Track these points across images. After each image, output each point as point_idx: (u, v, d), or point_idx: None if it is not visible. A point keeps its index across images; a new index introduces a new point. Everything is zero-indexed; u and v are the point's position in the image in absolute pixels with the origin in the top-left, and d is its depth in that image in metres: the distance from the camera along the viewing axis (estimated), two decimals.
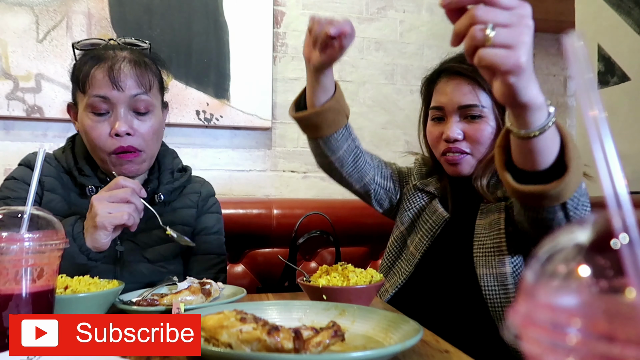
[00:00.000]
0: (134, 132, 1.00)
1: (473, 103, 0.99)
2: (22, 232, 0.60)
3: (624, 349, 0.17)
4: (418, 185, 1.15)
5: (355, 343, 0.61)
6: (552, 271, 0.22)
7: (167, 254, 1.07)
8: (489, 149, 1.01)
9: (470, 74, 1.00)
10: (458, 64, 1.03)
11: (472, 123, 1.00)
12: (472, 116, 1.00)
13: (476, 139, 1.00)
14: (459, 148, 1.01)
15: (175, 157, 1.21)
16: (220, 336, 0.53)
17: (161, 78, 1.11)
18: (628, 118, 1.48)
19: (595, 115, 0.24)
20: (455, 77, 1.03)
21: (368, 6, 1.99)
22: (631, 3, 1.49)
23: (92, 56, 1.01)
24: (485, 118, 1.00)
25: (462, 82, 1.01)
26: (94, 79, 0.98)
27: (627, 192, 0.22)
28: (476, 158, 1.02)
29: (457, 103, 1.01)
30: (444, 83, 1.05)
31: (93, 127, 0.99)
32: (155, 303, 0.79)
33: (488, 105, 1.00)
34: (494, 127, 1.00)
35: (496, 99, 0.93)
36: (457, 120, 1.02)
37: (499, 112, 0.99)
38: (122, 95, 0.99)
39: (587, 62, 0.25)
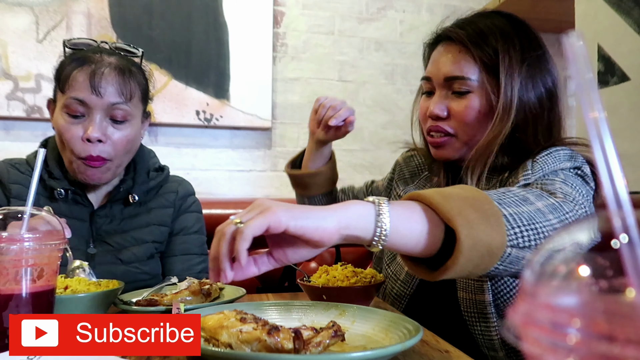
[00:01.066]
0: (106, 140, 0.99)
1: (459, 74, 0.88)
2: (22, 232, 0.60)
3: (624, 349, 0.17)
4: (401, 195, 1.06)
5: (355, 343, 0.61)
6: (552, 271, 0.22)
7: (141, 255, 1.06)
8: (478, 131, 0.89)
9: (460, 39, 0.89)
10: (453, 29, 0.92)
11: (458, 99, 0.89)
12: (460, 92, 0.88)
13: (461, 117, 0.88)
14: (441, 128, 0.91)
15: (153, 157, 1.19)
16: (220, 336, 0.53)
17: (146, 88, 1.08)
18: (628, 118, 1.48)
19: (595, 116, 0.24)
20: (447, 43, 0.92)
21: (368, 6, 1.99)
22: (631, 3, 1.49)
23: (78, 57, 1.00)
24: (474, 94, 0.88)
25: (451, 49, 0.90)
26: (74, 81, 0.97)
27: (627, 192, 0.22)
28: (462, 140, 0.90)
29: (443, 74, 0.90)
30: (437, 50, 0.94)
31: (67, 129, 0.98)
32: (155, 303, 0.79)
33: (478, 78, 0.87)
34: (483, 106, 0.88)
35: (486, 71, 0.86)
36: (444, 95, 0.91)
37: (492, 87, 0.87)
38: (100, 101, 0.97)
39: (587, 62, 0.25)
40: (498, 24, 0.90)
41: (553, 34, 2.10)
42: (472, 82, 0.88)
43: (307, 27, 1.94)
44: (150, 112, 1.13)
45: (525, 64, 0.87)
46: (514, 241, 0.58)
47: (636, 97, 1.47)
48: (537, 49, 0.90)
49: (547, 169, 0.80)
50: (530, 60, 0.88)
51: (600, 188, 0.86)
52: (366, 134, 1.98)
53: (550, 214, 0.64)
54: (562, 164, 0.81)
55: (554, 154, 0.83)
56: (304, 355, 0.52)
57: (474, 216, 0.57)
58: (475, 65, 0.88)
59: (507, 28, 0.89)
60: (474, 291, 0.84)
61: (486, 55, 0.87)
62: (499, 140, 0.86)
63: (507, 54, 0.86)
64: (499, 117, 0.86)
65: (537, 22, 1.98)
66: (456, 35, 0.89)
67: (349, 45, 1.97)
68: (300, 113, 1.92)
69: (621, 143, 1.44)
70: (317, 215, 0.55)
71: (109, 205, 1.07)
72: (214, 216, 1.20)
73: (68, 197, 1.04)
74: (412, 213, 0.58)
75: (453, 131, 0.90)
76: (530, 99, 0.88)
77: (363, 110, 1.98)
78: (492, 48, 0.87)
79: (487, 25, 0.89)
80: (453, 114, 0.90)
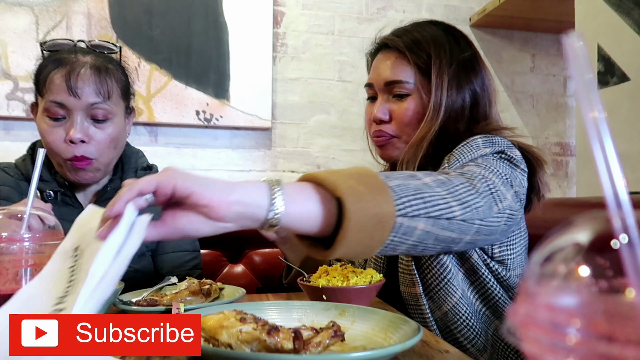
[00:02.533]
0: (89, 140, 0.99)
1: (397, 79, 0.95)
2: (22, 232, 0.60)
3: (624, 349, 0.17)
4: None
5: (355, 343, 0.61)
6: (552, 271, 0.22)
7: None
8: (416, 130, 0.94)
9: (399, 47, 0.95)
10: (390, 37, 0.99)
11: (398, 102, 0.95)
12: (399, 95, 0.95)
13: (401, 119, 0.95)
14: (383, 131, 0.97)
15: (141, 156, 1.20)
16: (220, 336, 0.53)
17: (127, 84, 1.08)
18: (628, 118, 1.48)
19: (595, 116, 0.24)
20: (387, 51, 0.99)
21: (368, 6, 1.99)
22: (631, 3, 1.49)
23: (54, 59, 0.99)
24: (412, 96, 0.94)
25: (391, 56, 0.97)
26: (51, 84, 0.97)
27: (627, 192, 0.22)
28: (403, 141, 0.96)
29: (383, 79, 0.97)
30: (377, 58, 1.01)
31: (49, 132, 0.98)
32: (155, 303, 0.79)
33: (414, 80, 0.94)
34: (420, 107, 0.94)
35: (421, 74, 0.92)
36: (385, 99, 0.97)
37: (425, 89, 0.93)
38: (78, 103, 0.97)
39: (587, 62, 0.25)
40: (431, 31, 0.97)
41: (553, 34, 2.11)
42: (409, 85, 0.94)
43: (307, 27, 1.94)
44: (134, 107, 1.13)
45: (454, 66, 0.94)
46: (402, 210, 0.59)
47: (636, 97, 1.47)
48: (465, 51, 0.96)
49: (463, 159, 0.81)
50: (458, 63, 0.94)
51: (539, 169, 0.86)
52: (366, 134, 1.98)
53: (438, 187, 0.65)
54: (480, 151, 0.82)
55: (470, 144, 0.84)
56: (304, 355, 0.52)
57: (360, 188, 0.57)
58: (411, 69, 0.94)
59: (439, 34, 0.97)
60: (408, 284, 0.88)
61: (420, 59, 0.94)
62: (428, 136, 0.91)
63: (438, 57, 0.93)
64: (429, 115, 0.92)
65: (537, 22, 2.00)
66: (393, 43, 0.97)
67: (349, 45, 1.97)
68: (300, 113, 1.92)
69: (621, 143, 1.44)
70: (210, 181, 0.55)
71: (97, 205, 1.07)
72: None
73: (57, 198, 1.04)
74: (304, 193, 0.58)
75: (395, 133, 0.96)
76: (457, 98, 0.93)
77: (363, 110, 1.98)
78: (425, 53, 0.94)
79: (421, 33, 0.97)
80: (394, 116, 0.96)
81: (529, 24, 2.02)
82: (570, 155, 2.15)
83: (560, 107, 2.16)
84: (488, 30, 2.06)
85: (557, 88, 2.16)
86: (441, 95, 0.92)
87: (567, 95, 2.18)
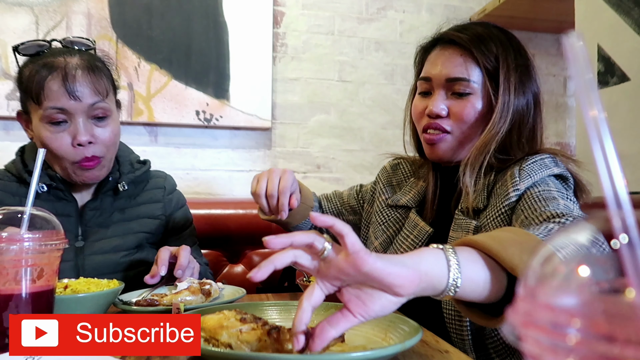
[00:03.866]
0: (96, 140, 1.00)
1: (462, 76, 0.92)
2: (22, 232, 0.60)
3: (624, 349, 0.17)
4: (389, 203, 1.07)
5: (355, 343, 0.61)
6: (552, 271, 0.22)
7: (130, 244, 1.08)
8: (472, 131, 0.93)
9: (465, 44, 0.93)
10: (454, 32, 0.96)
11: (458, 100, 0.93)
12: (460, 93, 0.93)
13: (460, 117, 0.92)
14: (439, 125, 0.94)
15: (132, 152, 1.21)
16: (220, 336, 0.53)
17: (112, 78, 1.08)
18: (628, 118, 1.48)
19: (595, 116, 0.24)
20: (449, 46, 0.96)
21: (368, 6, 1.99)
22: (631, 3, 1.49)
23: (43, 64, 0.98)
24: (474, 95, 0.92)
25: (455, 52, 0.94)
26: (48, 91, 0.96)
27: (627, 192, 0.22)
28: (456, 138, 0.94)
29: (445, 75, 0.93)
30: (436, 53, 0.98)
31: (53, 139, 0.98)
32: (155, 303, 0.79)
33: (479, 81, 0.92)
34: (481, 107, 0.92)
35: (488, 75, 0.92)
36: (444, 96, 0.95)
37: (492, 90, 0.92)
38: (79, 105, 0.97)
39: (587, 62, 0.25)
40: (495, 32, 0.96)
41: (553, 34, 2.11)
42: (474, 85, 0.92)
43: (307, 27, 1.94)
44: (120, 100, 1.13)
45: (518, 71, 0.93)
46: None
47: (636, 97, 1.47)
48: (525, 59, 0.96)
49: (535, 176, 0.85)
50: (521, 68, 0.94)
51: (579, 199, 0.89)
52: (366, 134, 1.98)
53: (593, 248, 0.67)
54: (549, 170, 0.87)
55: (539, 162, 0.88)
56: (304, 355, 0.52)
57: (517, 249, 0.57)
58: (477, 68, 0.92)
59: (503, 37, 0.96)
60: None
61: (487, 59, 0.92)
62: (496, 140, 0.90)
63: (505, 60, 0.92)
64: (497, 118, 0.91)
65: (537, 22, 2.00)
66: (459, 39, 0.93)
67: (349, 45, 1.97)
68: (300, 113, 1.92)
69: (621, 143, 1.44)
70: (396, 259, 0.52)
71: (99, 198, 1.09)
72: (214, 216, 1.20)
73: (50, 193, 1.05)
74: (475, 261, 0.57)
75: (450, 129, 0.94)
76: (521, 103, 0.93)
77: (363, 111, 1.98)
78: (492, 53, 0.92)
79: (486, 32, 0.95)
80: (452, 113, 0.93)
81: (529, 24, 2.02)
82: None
83: (560, 107, 2.16)
84: None
85: (557, 88, 2.16)
86: (509, 99, 0.91)
87: (567, 95, 2.18)
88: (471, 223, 0.89)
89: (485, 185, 0.92)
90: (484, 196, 0.91)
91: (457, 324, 0.85)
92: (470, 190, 0.91)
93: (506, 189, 0.87)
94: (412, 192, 1.05)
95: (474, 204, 0.90)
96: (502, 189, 0.88)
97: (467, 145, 0.95)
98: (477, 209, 0.90)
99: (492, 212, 0.87)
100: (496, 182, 0.92)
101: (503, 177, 0.90)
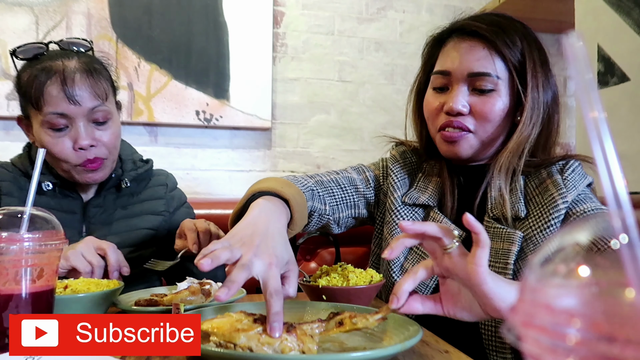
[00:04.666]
0: (97, 143, 1.01)
1: (486, 71, 0.84)
2: (22, 232, 0.60)
3: (624, 349, 0.17)
4: (406, 201, 0.96)
5: (355, 343, 0.61)
6: (552, 271, 0.22)
7: (134, 240, 1.08)
8: (496, 130, 0.86)
9: (488, 35, 0.85)
10: (474, 22, 0.87)
11: (481, 96, 0.85)
12: (483, 89, 0.85)
13: (484, 114, 0.85)
14: (461, 123, 0.86)
15: (135, 152, 1.22)
16: (238, 340, 0.52)
17: (112, 80, 1.08)
18: (628, 118, 1.48)
19: (595, 116, 0.24)
20: (470, 38, 0.87)
21: (368, 6, 1.99)
22: (631, 3, 1.49)
23: (41, 69, 0.97)
24: (498, 92, 0.85)
25: (477, 44, 0.86)
26: (48, 96, 0.95)
27: (627, 192, 0.22)
28: (479, 138, 0.87)
29: (467, 69, 0.85)
30: (454, 44, 0.89)
31: (54, 144, 0.98)
32: (156, 303, 0.79)
33: (504, 76, 0.85)
34: (506, 104, 0.85)
35: (514, 71, 0.85)
36: (465, 91, 0.86)
37: (520, 87, 0.85)
38: (79, 110, 0.97)
39: (587, 62, 0.25)
40: (517, 25, 0.89)
41: (553, 34, 2.11)
42: (498, 80, 0.85)
43: (307, 27, 1.94)
44: (120, 101, 1.13)
45: (544, 67, 0.88)
46: None
47: (636, 97, 1.47)
48: (545, 55, 0.90)
49: (579, 186, 0.84)
50: (544, 65, 0.88)
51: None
52: (366, 134, 1.98)
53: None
54: (585, 180, 0.86)
55: (576, 170, 0.86)
56: (304, 355, 0.52)
57: None
58: (502, 62, 0.85)
59: (525, 30, 0.89)
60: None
61: (513, 53, 0.85)
62: (529, 141, 0.86)
63: (531, 54, 0.86)
64: (527, 118, 0.85)
65: (537, 22, 2.00)
66: (482, 31, 0.85)
67: (348, 46, 1.97)
68: (300, 113, 1.92)
69: (621, 143, 1.44)
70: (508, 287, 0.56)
71: (102, 195, 1.09)
72: (214, 216, 1.20)
73: (55, 190, 1.05)
74: None
75: (473, 128, 0.87)
76: (548, 101, 0.89)
77: (363, 111, 1.98)
78: (517, 47, 0.86)
79: (508, 24, 0.88)
80: (475, 111, 0.86)
81: (529, 24, 2.01)
82: None
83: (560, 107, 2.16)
84: None
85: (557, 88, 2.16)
86: (538, 97, 0.85)
87: (567, 95, 2.18)
88: (515, 234, 0.82)
89: (520, 191, 0.87)
90: (521, 203, 0.85)
91: (499, 344, 0.81)
92: (507, 197, 0.85)
93: (552, 199, 0.82)
94: (430, 189, 0.95)
95: (513, 212, 0.84)
96: (546, 198, 0.83)
97: (490, 145, 0.89)
98: (516, 217, 0.85)
99: (538, 222, 0.82)
100: (529, 188, 0.87)
101: (541, 183, 0.86)
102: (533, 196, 0.86)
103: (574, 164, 0.86)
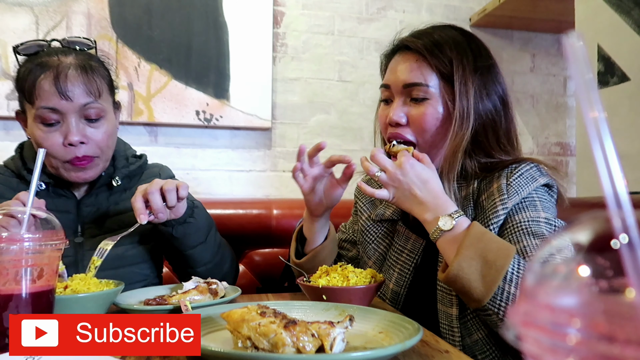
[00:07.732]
0: (88, 141, 0.99)
1: (418, 81, 0.90)
2: (22, 232, 0.60)
3: (624, 349, 0.17)
4: (373, 218, 1.06)
5: (355, 343, 0.61)
6: (552, 271, 0.22)
7: (133, 239, 1.07)
8: (437, 138, 0.91)
9: (419, 49, 0.92)
10: (410, 38, 0.95)
11: (416, 105, 0.91)
12: (417, 99, 0.91)
13: (419, 123, 0.91)
14: (402, 135, 0.92)
15: (129, 148, 1.21)
16: (242, 329, 0.54)
17: (111, 79, 1.08)
18: (628, 118, 1.48)
19: (595, 116, 0.24)
20: (406, 52, 0.95)
21: (368, 6, 1.99)
22: (631, 3, 1.49)
23: (37, 64, 0.97)
24: (432, 100, 0.90)
25: (411, 58, 0.93)
26: (40, 90, 0.95)
27: (627, 192, 0.22)
28: (422, 148, 0.92)
29: (402, 81, 0.92)
30: (395, 59, 0.97)
31: (45, 138, 0.98)
32: (164, 302, 0.80)
33: (436, 85, 0.90)
34: (440, 113, 0.90)
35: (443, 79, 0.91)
36: (402, 102, 0.93)
37: (448, 95, 0.90)
38: (71, 105, 0.97)
39: (587, 62, 0.25)
40: (452, 35, 0.95)
41: (553, 34, 2.11)
42: (430, 89, 0.90)
43: (307, 27, 1.94)
44: (120, 101, 1.13)
45: (478, 73, 0.91)
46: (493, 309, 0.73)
47: (636, 97, 1.47)
48: (487, 60, 0.94)
49: (522, 192, 0.85)
50: (482, 70, 0.92)
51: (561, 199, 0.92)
52: (366, 134, 1.98)
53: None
54: (536, 183, 0.87)
55: (525, 175, 0.87)
56: (304, 355, 0.52)
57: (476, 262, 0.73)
58: (432, 72, 0.91)
59: (460, 39, 0.94)
60: (446, 303, 0.88)
61: (442, 64, 0.91)
62: (462, 146, 0.89)
63: (461, 63, 0.91)
64: (457, 124, 0.89)
65: (537, 22, 2.00)
66: (414, 45, 0.93)
67: (348, 45, 1.97)
68: (300, 113, 1.92)
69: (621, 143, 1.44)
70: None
71: (94, 193, 1.08)
72: (214, 216, 1.20)
73: (49, 190, 1.05)
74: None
75: (413, 139, 0.92)
76: (486, 106, 0.92)
77: (363, 110, 1.98)
78: (447, 57, 0.91)
79: (442, 37, 0.94)
80: (412, 120, 0.92)
81: (529, 24, 2.02)
82: (570, 155, 2.15)
83: (560, 107, 2.16)
84: (488, 30, 2.06)
85: (557, 88, 2.16)
86: (467, 103, 0.89)
87: (567, 95, 2.18)
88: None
89: (470, 195, 0.91)
90: (471, 208, 0.91)
91: (450, 335, 0.86)
92: (457, 202, 0.90)
93: (494, 204, 0.86)
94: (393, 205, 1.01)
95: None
96: (489, 203, 0.87)
97: (436, 153, 0.93)
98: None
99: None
100: (480, 192, 0.91)
101: (489, 188, 0.89)
102: (481, 200, 0.90)
103: (523, 168, 0.88)
